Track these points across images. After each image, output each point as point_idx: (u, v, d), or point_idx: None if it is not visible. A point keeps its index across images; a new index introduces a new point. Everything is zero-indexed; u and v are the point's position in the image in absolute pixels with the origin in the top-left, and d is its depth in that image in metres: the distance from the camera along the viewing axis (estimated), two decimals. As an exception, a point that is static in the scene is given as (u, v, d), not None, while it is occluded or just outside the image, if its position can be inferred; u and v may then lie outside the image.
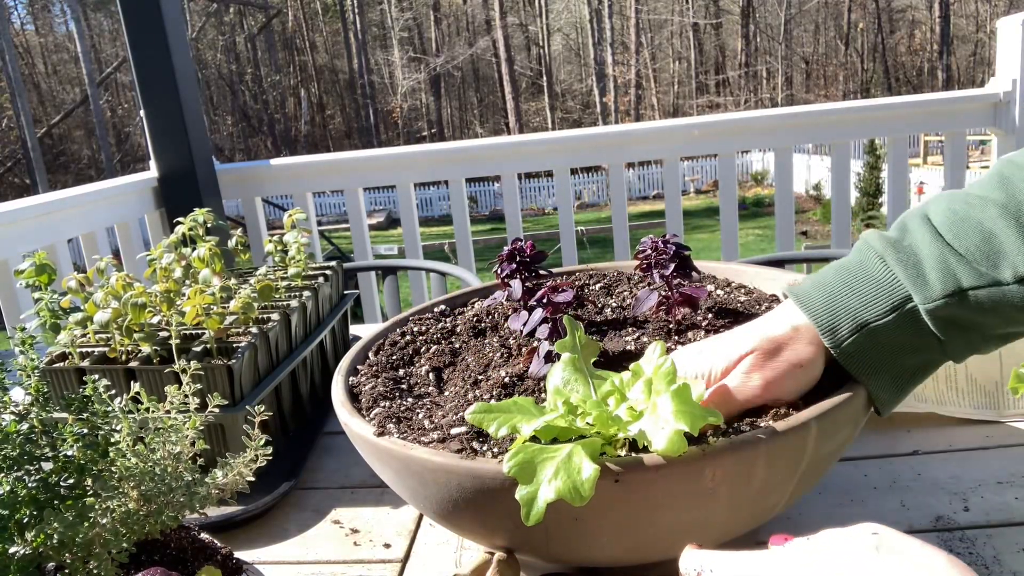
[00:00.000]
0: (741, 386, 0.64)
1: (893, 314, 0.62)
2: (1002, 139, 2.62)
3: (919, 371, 0.65)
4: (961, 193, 0.65)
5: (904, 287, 0.62)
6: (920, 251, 0.63)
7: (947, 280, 0.60)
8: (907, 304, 0.62)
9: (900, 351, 0.63)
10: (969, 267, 0.60)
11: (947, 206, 0.64)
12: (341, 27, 30.26)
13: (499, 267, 0.86)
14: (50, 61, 29.78)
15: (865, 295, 0.63)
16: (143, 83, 2.58)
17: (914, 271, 0.62)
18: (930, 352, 0.63)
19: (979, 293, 0.60)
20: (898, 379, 0.64)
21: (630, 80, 28.65)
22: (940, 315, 0.61)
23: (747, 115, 2.74)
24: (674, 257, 0.82)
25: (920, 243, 0.63)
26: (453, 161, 2.81)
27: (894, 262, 0.63)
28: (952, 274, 0.60)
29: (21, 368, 0.62)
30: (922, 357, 0.64)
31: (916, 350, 0.63)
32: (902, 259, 0.63)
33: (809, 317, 0.64)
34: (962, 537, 0.73)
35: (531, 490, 0.55)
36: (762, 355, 0.64)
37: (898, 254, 0.63)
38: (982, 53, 27.91)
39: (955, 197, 0.65)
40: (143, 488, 0.60)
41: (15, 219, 2.13)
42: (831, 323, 0.63)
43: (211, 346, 0.94)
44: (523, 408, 0.62)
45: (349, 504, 0.91)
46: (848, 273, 0.65)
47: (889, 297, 0.62)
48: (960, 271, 0.60)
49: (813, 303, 0.65)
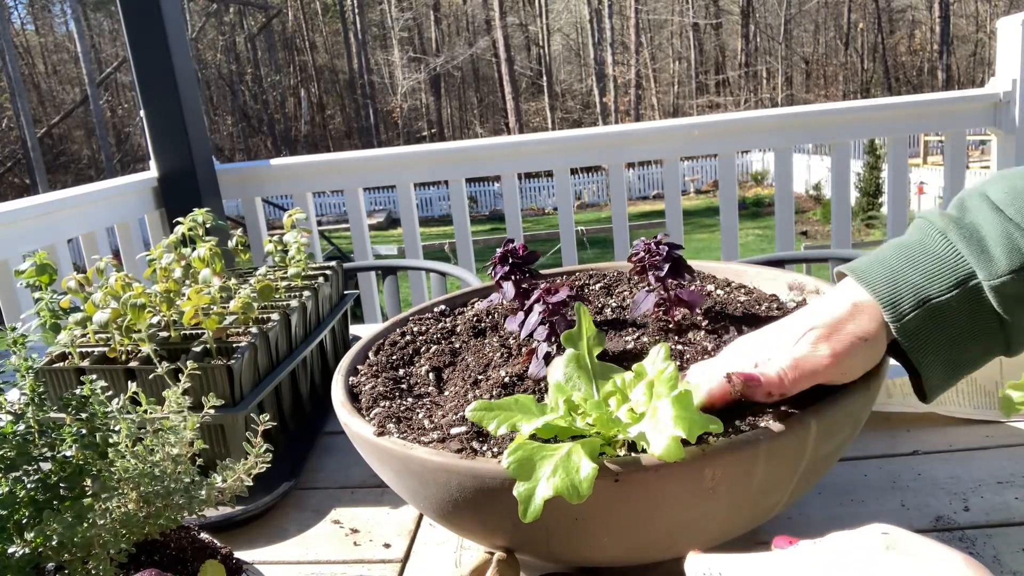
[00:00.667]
0: (810, 355, 0.60)
1: (956, 290, 0.60)
2: (1002, 139, 2.62)
3: (974, 359, 0.63)
4: (1019, 170, 0.64)
5: (968, 263, 0.60)
6: (982, 228, 0.61)
7: (1013, 255, 0.59)
8: (971, 280, 0.60)
9: (959, 334, 0.61)
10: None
11: (1007, 184, 0.63)
12: (341, 27, 30.26)
13: (493, 269, 0.86)
14: (50, 61, 29.78)
15: (927, 271, 0.61)
16: (143, 83, 2.58)
17: (978, 247, 0.60)
18: (989, 337, 0.61)
19: None
20: (952, 365, 0.62)
21: (630, 80, 28.65)
22: (1006, 292, 0.59)
23: (747, 115, 2.74)
24: (667, 258, 0.82)
25: (982, 220, 0.61)
26: (453, 161, 2.81)
27: (957, 238, 0.61)
28: (1018, 249, 0.59)
29: (17, 368, 0.62)
30: (981, 343, 0.62)
31: (976, 334, 0.61)
32: (965, 235, 0.61)
33: (869, 291, 0.62)
34: (962, 537, 0.73)
35: (529, 487, 0.55)
36: (826, 329, 0.61)
37: (960, 230, 0.61)
38: (982, 53, 27.91)
39: (1014, 175, 0.64)
40: (142, 489, 0.60)
41: (15, 219, 2.13)
42: (893, 297, 0.61)
43: (211, 346, 0.94)
44: (524, 406, 0.62)
45: (349, 504, 0.90)
46: (909, 250, 0.63)
47: (953, 273, 0.60)
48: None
49: (873, 277, 0.62)
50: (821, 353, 0.60)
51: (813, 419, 0.60)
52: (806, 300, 0.86)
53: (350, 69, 30.07)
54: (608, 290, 0.97)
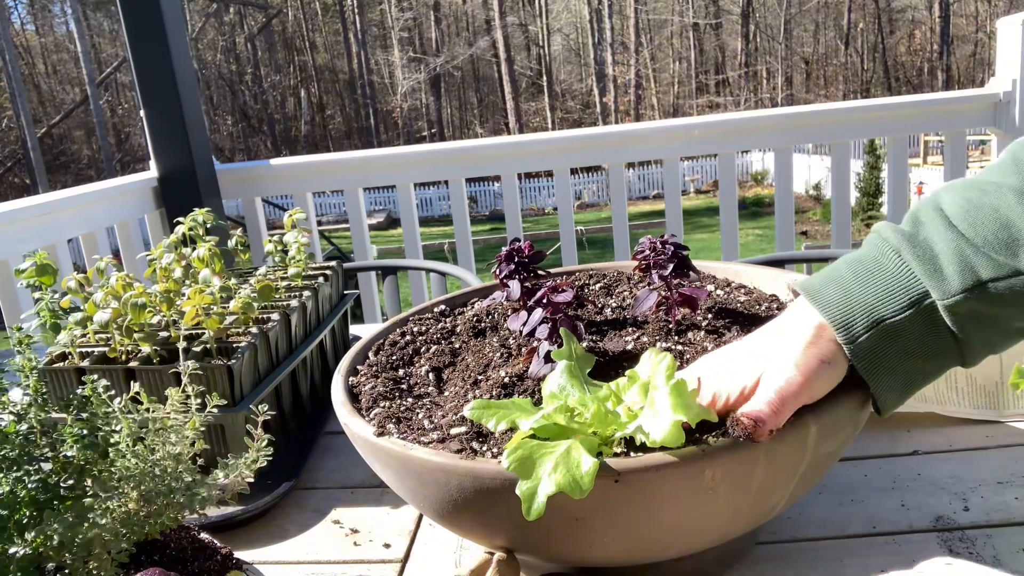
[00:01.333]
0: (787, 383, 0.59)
1: (910, 310, 0.59)
2: (1002, 139, 2.62)
3: (928, 375, 0.62)
4: (974, 180, 0.63)
5: (921, 283, 0.59)
6: (935, 244, 0.60)
7: (965, 274, 0.58)
8: (925, 300, 0.59)
9: (913, 352, 0.60)
10: (987, 258, 0.58)
11: (960, 195, 0.62)
12: (341, 27, 30.26)
13: (498, 267, 0.86)
14: (50, 61, 29.78)
15: (881, 291, 0.60)
16: (143, 83, 2.58)
17: (931, 266, 0.59)
18: (944, 355, 0.61)
19: (999, 284, 0.57)
20: (907, 383, 0.62)
21: (630, 80, 28.65)
22: (959, 311, 0.58)
23: (747, 115, 2.74)
24: (672, 257, 0.82)
25: (934, 236, 0.60)
26: (453, 161, 2.81)
27: (911, 257, 0.60)
28: (970, 267, 0.58)
29: (19, 369, 0.62)
30: (935, 362, 0.61)
31: (929, 352, 0.60)
32: (918, 254, 0.60)
33: (822, 313, 0.61)
34: (962, 537, 0.73)
35: (531, 485, 0.55)
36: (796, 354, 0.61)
37: (914, 248, 0.60)
38: (982, 53, 27.90)
39: (968, 185, 0.62)
40: (143, 489, 0.60)
41: (15, 219, 2.13)
42: (846, 319, 0.60)
43: (211, 346, 0.94)
44: (522, 407, 0.62)
45: (349, 504, 0.91)
46: (863, 267, 0.62)
47: (906, 293, 0.59)
48: (978, 263, 0.58)
49: (827, 299, 0.62)
50: (794, 380, 0.60)
51: (813, 419, 0.60)
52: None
53: (350, 69, 30.06)
54: (608, 290, 0.97)
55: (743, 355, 0.65)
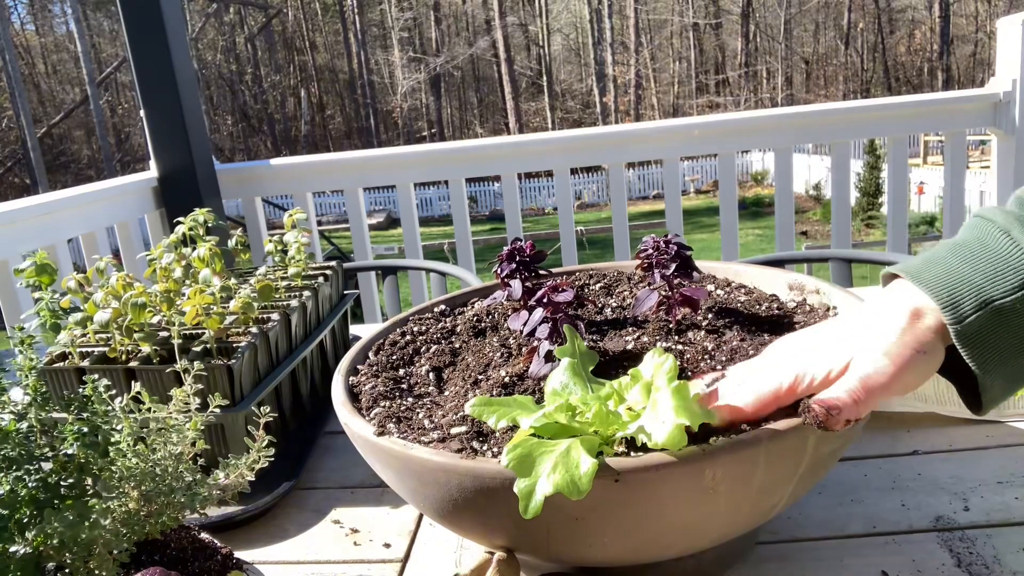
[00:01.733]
0: (875, 372, 0.56)
1: (1021, 291, 0.55)
2: (1002, 139, 2.62)
3: None
4: None
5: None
6: None
7: None
8: None
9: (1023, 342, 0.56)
10: None
11: None
12: (341, 27, 30.26)
13: (499, 267, 0.86)
14: (50, 61, 29.78)
15: (989, 271, 0.56)
16: (143, 83, 2.58)
17: None
18: None
19: None
20: (1014, 373, 0.58)
21: (630, 80, 28.65)
22: None
23: (747, 115, 2.74)
24: (675, 257, 0.82)
25: None
26: (453, 161, 2.81)
27: (1021, 236, 0.57)
28: None
29: (20, 368, 0.62)
30: None
31: None
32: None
33: (927, 292, 0.57)
34: (962, 537, 0.73)
35: (529, 483, 0.55)
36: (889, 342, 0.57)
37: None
38: (982, 53, 27.91)
39: None
40: (144, 488, 0.60)
41: (15, 219, 2.13)
42: (952, 298, 0.56)
43: (211, 346, 0.94)
44: (523, 405, 0.62)
45: (349, 504, 0.91)
46: (966, 250, 0.58)
47: (1016, 273, 0.55)
48: None
49: (930, 278, 0.57)
50: (884, 369, 0.56)
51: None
52: (806, 300, 0.86)
53: (350, 69, 30.06)
54: (608, 290, 0.97)
55: (832, 337, 0.61)
